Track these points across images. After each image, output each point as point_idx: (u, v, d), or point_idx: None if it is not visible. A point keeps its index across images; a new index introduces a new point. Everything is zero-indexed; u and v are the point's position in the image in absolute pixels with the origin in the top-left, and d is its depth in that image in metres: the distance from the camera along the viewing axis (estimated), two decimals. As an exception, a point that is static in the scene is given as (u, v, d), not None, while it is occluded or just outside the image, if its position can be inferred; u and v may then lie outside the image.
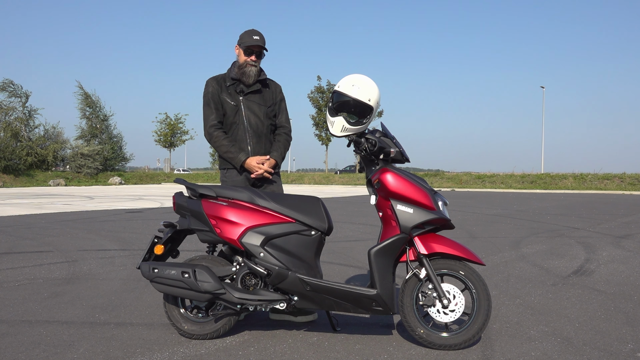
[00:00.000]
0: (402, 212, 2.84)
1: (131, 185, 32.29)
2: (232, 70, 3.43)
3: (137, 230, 8.09)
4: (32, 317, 3.41)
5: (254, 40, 3.32)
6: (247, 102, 3.40)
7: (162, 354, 2.76)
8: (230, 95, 3.39)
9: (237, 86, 3.39)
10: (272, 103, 3.47)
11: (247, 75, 3.35)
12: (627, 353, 2.82)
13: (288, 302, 2.90)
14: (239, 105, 3.39)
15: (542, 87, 43.82)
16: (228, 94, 3.39)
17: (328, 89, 42.37)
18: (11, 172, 30.88)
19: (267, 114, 3.44)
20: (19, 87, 34.32)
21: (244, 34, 3.38)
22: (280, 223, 2.95)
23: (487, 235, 7.75)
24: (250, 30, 3.38)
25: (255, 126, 3.39)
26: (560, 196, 20.92)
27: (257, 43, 3.32)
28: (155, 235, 3.12)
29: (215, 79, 3.44)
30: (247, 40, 3.34)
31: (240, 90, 3.39)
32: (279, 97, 3.53)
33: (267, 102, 3.45)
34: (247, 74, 3.34)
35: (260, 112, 3.41)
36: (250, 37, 3.34)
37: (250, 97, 3.40)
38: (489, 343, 2.97)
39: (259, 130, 3.40)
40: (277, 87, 3.54)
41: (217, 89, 3.40)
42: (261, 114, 3.41)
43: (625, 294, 4.14)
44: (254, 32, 3.36)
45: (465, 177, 33.05)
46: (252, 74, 3.35)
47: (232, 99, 3.39)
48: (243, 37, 3.37)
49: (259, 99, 3.42)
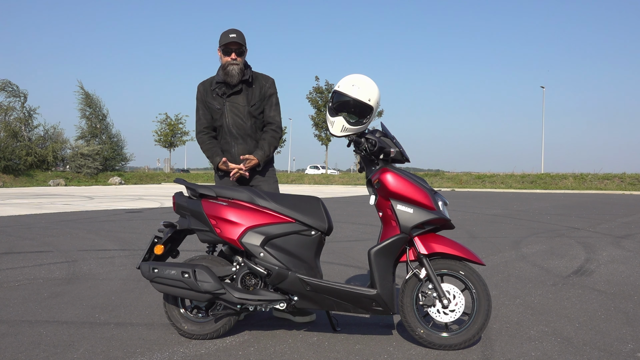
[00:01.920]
0: (402, 212, 2.84)
1: (131, 185, 32.29)
2: (218, 73, 3.42)
3: (137, 230, 8.09)
4: (32, 317, 3.41)
5: (229, 38, 3.29)
6: (230, 104, 3.39)
7: (162, 354, 2.76)
8: (214, 99, 3.41)
9: (221, 88, 3.39)
10: (258, 100, 3.41)
11: (231, 75, 3.32)
12: (627, 353, 2.82)
13: (288, 302, 2.90)
14: (223, 108, 3.40)
15: (542, 87, 43.85)
16: (213, 97, 3.41)
17: (327, 89, 42.34)
18: (11, 172, 30.89)
19: (251, 112, 3.40)
20: (16, 87, 34.35)
21: (221, 35, 3.36)
22: (280, 223, 2.95)
23: (487, 235, 7.75)
24: (227, 30, 3.36)
25: (240, 127, 3.39)
26: (560, 196, 20.92)
27: (233, 40, 3.29)
28: (155, 235, 3.12)
29: (203, 84, 3.46)
30: (224, 39, 3.31)
31: (222, 92, 3.39)
32: (268, 92, 3.44)
33: (251, 101, 3.40)
34: (230, 74, 3.32)
35: (244, 112, 3.39)
36: (227, 35, 3.32)
37: (233, 98, 3.39)
38: (489, 343, 2.97)
39: (242, 131, 3.39)
40: (267, 82, 3.46)
41: (203, 94, 3.44)
42: (244, 114, 3.39)
43: (625, 294, 4.14)
44: (230, 31, 3.34)
45: (465, 177, 33.06)
46: (234, 73, 3.32)
47: (217, 102, 3.41)
48: (220, 38, 3.35)
49: (242, 100, 3.39)
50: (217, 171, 3.47)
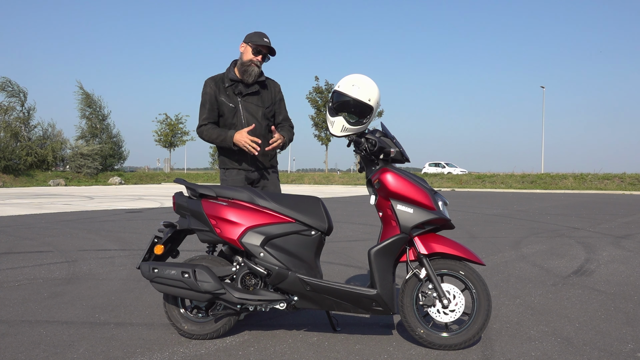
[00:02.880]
0: (402, 212, 2.84)
1: (131, 185, 32.30)
2: (231, 70, 3.42)
3: (137, 230, 8.09)
4: (32, 317, 3.41)
5: (264, 42, 3.34)
6: (245, 103, 3.40)
7: (162, 354, 2.76)
8: (228, 96, 3.39)
9: (236, 87, 3.39)
10: (270, 103, 3.48)
11: (249, 74, 3.35)
12: (627, 353, 2.82)
13: (288, 302, 2.91)
14: (237, 106, 3.39)
15: (542, 87, 43.86)
16: (226, 95, 3.39)
17: (327, 89, 42.33)
18: (11, 172, 30.89)
19: (265, 114, 3.44)
20: (16, 85, 34.33)
21: (253, 34, 3.39)
22: (280, 223, 2.95)
23: (487, 235, 7.75)
24: (260, 32, 3.41)
25: (254, 127, 3.40)
26: (560, 196, 20.92)
27: (268, 45, 3.35)
28: (155, 235, 3.12)
29: (214, 79, 3.43)
30: (258, 40, 3.34)
31: (238, 91, 3.39)
32: (278, 96, 3.53)
33: (265, 103, 3.45)
34: (248, 72, 3.34)
35: (258, 113, 3.42)
36: (261, 38, 3.36)
37: (248, 98, 3.41)
38: (489, 343, 2.97)
39: (256, 130, 3.39)
40: (275, 87, 3.55)
41: (214, 90, 3.39)
42: (259, 115, 3.42)
43: (625, 294, 4.14)
44: (264, 35, 3.40)
45: (465, 177, 33.06)
46: (254, 74, 3.35)
47: (230, 100, 3.39)
48: (252, 36, 3.37)
49: (257, 101, 3.43)
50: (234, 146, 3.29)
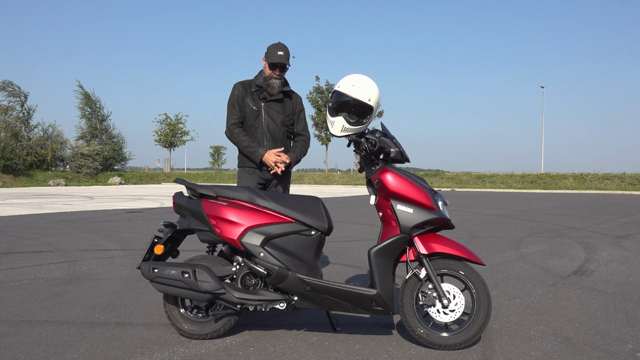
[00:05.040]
0: (402, 212, 2.84)
1: (131, 185, 32.30)
2: (259, 78, 3.70)
3: (137, 230, 8.09)
4: (32, 317, 3.41)
5: (278, 57, 3.58)
6: (267, 108, 3.70)
7: (162, 354, 2.76)
8: (253, 100, 3.69)
9: (261, 93, 3.69)
10: (291, 112, 3.78)
11: (272, 87, 3.65)
12: (627, 353, 2.82)
13: (288, 302, 2.91)
14: (260, 110, 3.69)
15: (542, 87, 43.85)
16: (252, 99, 3.69)
17: (327, 89, 42.32)
18: (11, 172, 30.87)
19: (285, 122, 3.75)
20: (17, 86, 34.34)
21: (271, 48, 3.62)
22: (280, 223, 2.95)
23: (487, 235, 7.75)
24: (277, 44, 3.63)
25: (273, 131, 3.70)
26: (560, 196, 20.93)
27: (281, 60, 3.58)
28: (155, 235, 3.12)
29: (242, 83, 3.73)
30: (272, 57, 3.59)
31: (263, 97, 3.69)
32: (298, 107, 3.84)
33: (286, 112, 3.76)
34: (271, 86, 3.65)
35: (278, 119, 3.72)
36: (275, 53, 3.60)
37: (271, 104, 3.71)
38: (489, 343, 2.98)
39: (275, 134, 3.70)
40: (297, 99, 3.86)
41: (242, 92, 3.70)
42: (279, 121, 3.72)
43: (625, 294, 4.14)
44: (279, 48, 3.62)
45: (465, 177, 33.06)
46: (276, 86, 3.65)
47: (254, 104, 3.69)
48: (269, 51, 3.64)
49: (279, 108, 3.73)
50: (261, 165, 3.64)
